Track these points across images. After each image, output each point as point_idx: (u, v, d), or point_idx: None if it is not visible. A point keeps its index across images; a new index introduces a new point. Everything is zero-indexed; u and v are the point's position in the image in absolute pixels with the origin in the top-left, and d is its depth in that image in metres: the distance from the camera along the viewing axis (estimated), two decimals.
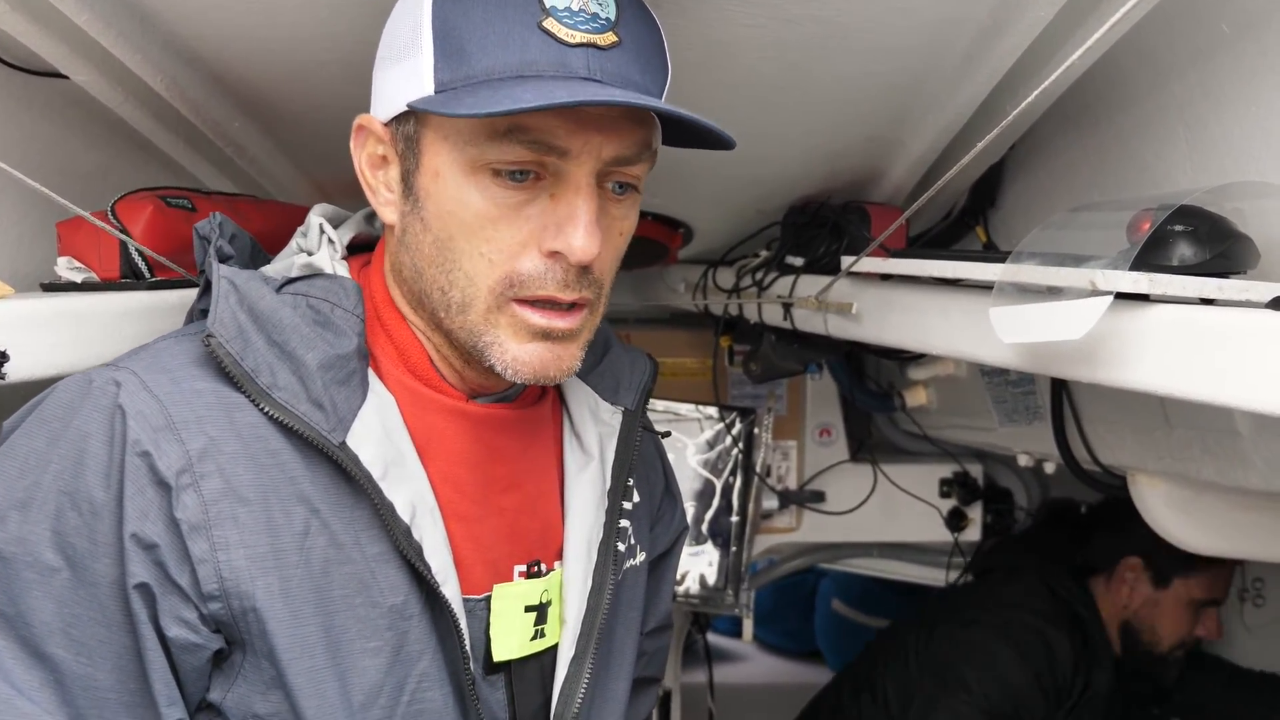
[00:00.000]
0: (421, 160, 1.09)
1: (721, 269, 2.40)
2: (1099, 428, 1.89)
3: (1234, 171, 1.27)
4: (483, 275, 1.08)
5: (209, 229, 1.19)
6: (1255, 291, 0.99)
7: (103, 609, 1.00)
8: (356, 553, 1.09)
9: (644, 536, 1.41)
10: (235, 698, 1.07)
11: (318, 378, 1.07)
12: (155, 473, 1.00)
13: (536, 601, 1.24)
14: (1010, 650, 2.50)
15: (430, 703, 1.14)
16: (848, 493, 3.03)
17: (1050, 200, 1.76)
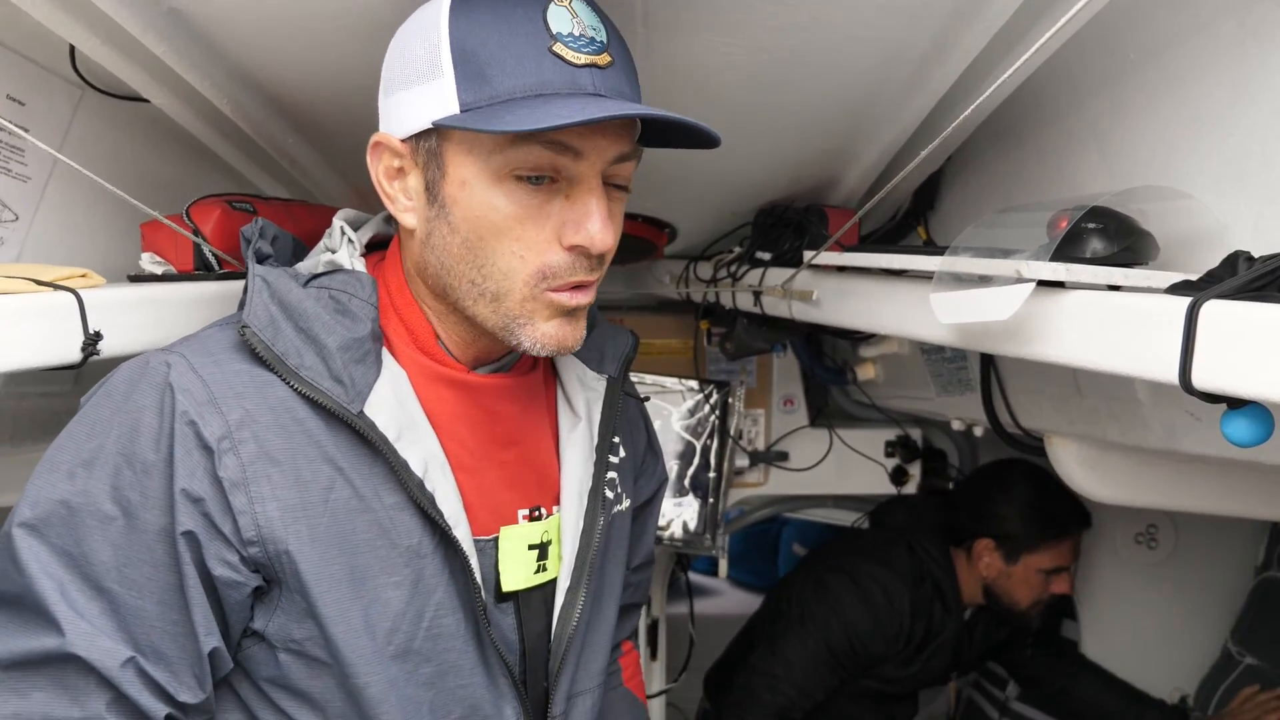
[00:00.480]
0: (447, 171, 1.08)
1: (701, 263, 2.40)
2: (1021, 397, 1.90)
3: (1139, 178, 1.28)
4: (517, 270, 1.09)
5: (251, 232, 1.20)
6: (1155, 279, 0.99)
7: (150, 552, 1.02)
8: (376, 503, 1.11)
9: (629, 487, 1.43)
10: (275, 626, 1.09)
11: (337, 358, 1.09)
12: (200, 439, 1.02)
13: (538, 541, 1.26)
14: (855, 596, 2.56)
15: (446, 627, 1.16)
16: (808, 453, 3.04)
17: (981, 204, 1.76)
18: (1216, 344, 0.80)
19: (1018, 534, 2.59)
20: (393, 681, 1.12)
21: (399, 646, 1.13)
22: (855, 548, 2.72)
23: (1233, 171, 1.09)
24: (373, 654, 1.11)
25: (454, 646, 1.17)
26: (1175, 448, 1.44)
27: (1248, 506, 1.78)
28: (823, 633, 2.53)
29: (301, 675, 1.11)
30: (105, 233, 1.50)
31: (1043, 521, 2.59)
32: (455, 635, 1.17)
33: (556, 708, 1.28)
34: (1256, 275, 0.84)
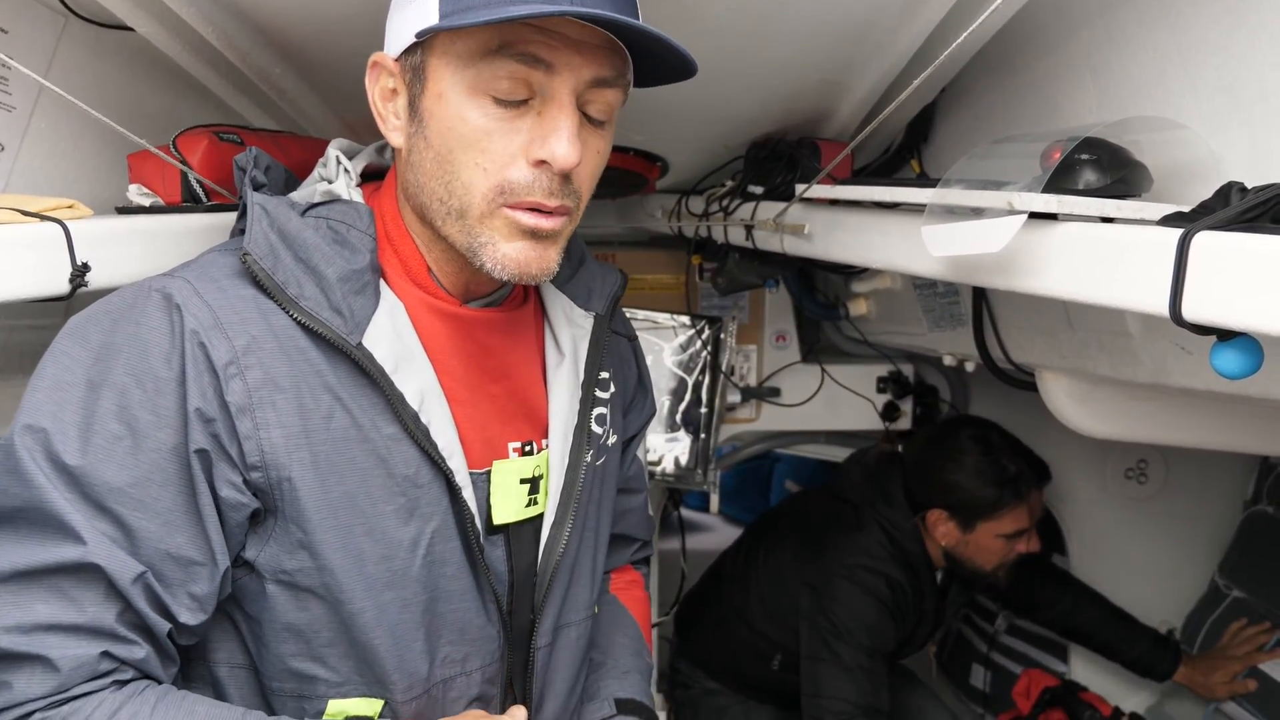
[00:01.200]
0: (427, 85, 1.09)
1: (693, 197, 2.38)
2: (1012, 331, 1.90)
3: (1133, 109, 1.27)
4: (478, 183, 1.09)
5: (246, 160, 1.20)
6: (1148, 211, 0.99)
7: (160, 470, 1.02)
8: (374, 433, 1.12)
9: (618, 422, 1.44)
10: (267, 556, 1.10)
11: (337, 289, 1.10)
12: (210, 361, 1.03)
13: (530, 475, 1.28)
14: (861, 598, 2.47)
15: (443, 554, 1.18)
16: (800, 389, 3.05)
17: (975, 136, 1.74)
18: (1207, 275, 0.80)
19: (969, 503, 2.49)
20: (384, 608, 1.14)
21: (394, 573, 1.14)
22: (833, 542, 2.59)
23: (1228, 102, 1.09)
24: (366, 581, 1.12)
25: (448, 573, 1.19)
26: (1165, 381, 1.45)
27: (1237, 440, 1.79)
28: (854, 648, 2.44)
29: (288, 607, 1.12)
30: (92, 163, 1.49)
31: (994, 488, 2.46)
32: (450, 562, 1.19)
33: (541, 639, 1.30)
34: (1249, 206, 0.84)
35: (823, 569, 2.54)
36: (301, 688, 1.15)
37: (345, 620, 1.13)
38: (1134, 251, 0.89)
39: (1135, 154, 1.10)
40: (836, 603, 2.48)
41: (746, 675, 2.87)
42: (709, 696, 2.94)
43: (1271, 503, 2.84)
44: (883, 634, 2.49)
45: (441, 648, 1.21)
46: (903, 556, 2.54)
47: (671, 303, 2.98)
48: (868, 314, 2.74)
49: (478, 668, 1.25)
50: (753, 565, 2.83)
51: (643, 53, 1.08)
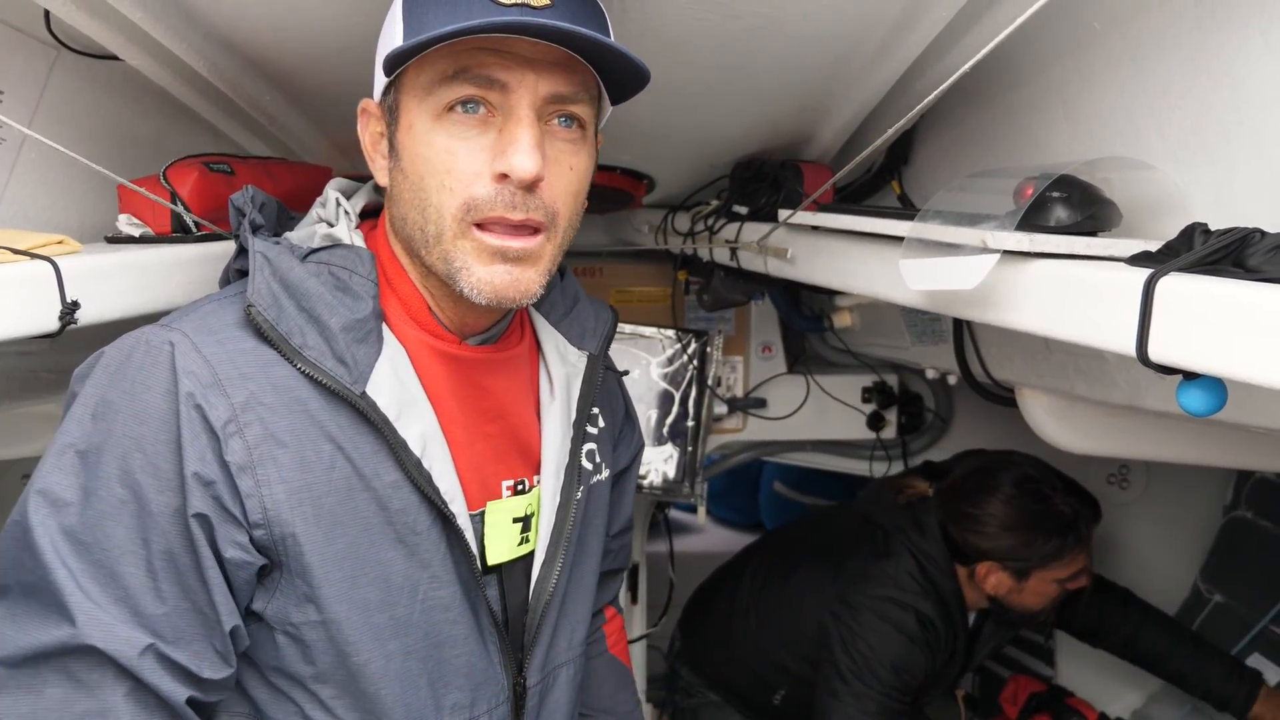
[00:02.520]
0: (399, 119, 1.12)
1: (679, 214, 2.40)
2: (992, 349, 1.92)
3: (1104, 143, 1.29)
4: (447, 205, 1.09)
5: (243, 201, 1.18)
6: (1117, 248, 1.01)
7: (165, 534, 1.02)
8: (376, 480, 1.11)
9: (608, 455, 1.44)
10: (274, 608, 1.10)
11: (340, 338, 1.09)
12: (207, 422, 1.02)
13: (522, 514, 1.28)
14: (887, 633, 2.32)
15: (440, 599, 1.18)
16: (786, 399, 3.07)
17: (952, 160, 1.77)
18: (1172, 318, 0.82)
19: (1027, 556, 2.31)
20: (391, 657, 1.14)
21: (397, 621, 1.14)
22: (859, 570, 2.45)
23: (1194, 142, 1.11)
24: (373, 631, 1.13)
25: (449, 618, 1.19)
26: (1139, 404, 1.47)
27: (1212, 456, 1.81)
28: (875, 687, 2.29)
29: (296, 658, 1.12)
30: (83, 191, 1.49)
31: (1054, 538, 2.29)
32: (450, 607, 1.19)
33: (533, 677, 1.30)
34: (1211, 250, 0.86)
35: (847, 599, 2.40)
36: None
37: (353, 671, 1.12)
38: (1102, 292, 0.91)
39: (1105, 191, 1.11)
40: (860, 638, 2.33)
41: (748, 699, 2.78)
42: (710, 709, 2.86)
43: (1250, 508, 2.86)
44: (910, 671, 2.33)
45: (450, 694, 1.21)
46: (934, 591, 2.38)
47: (658, 315, 2.99)
48: (852, 326, 2.76)
49: (485, 711, 1.25)
50: (769, 591, 2.69)
51: (609, 67, 1.09)
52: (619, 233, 2.88)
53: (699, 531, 5.23)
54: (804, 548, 2.72)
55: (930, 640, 2.35)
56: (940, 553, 2.40)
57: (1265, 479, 2.81)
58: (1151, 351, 0.83)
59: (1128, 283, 0.86)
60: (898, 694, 2.31)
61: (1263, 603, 2.66)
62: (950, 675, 2.54)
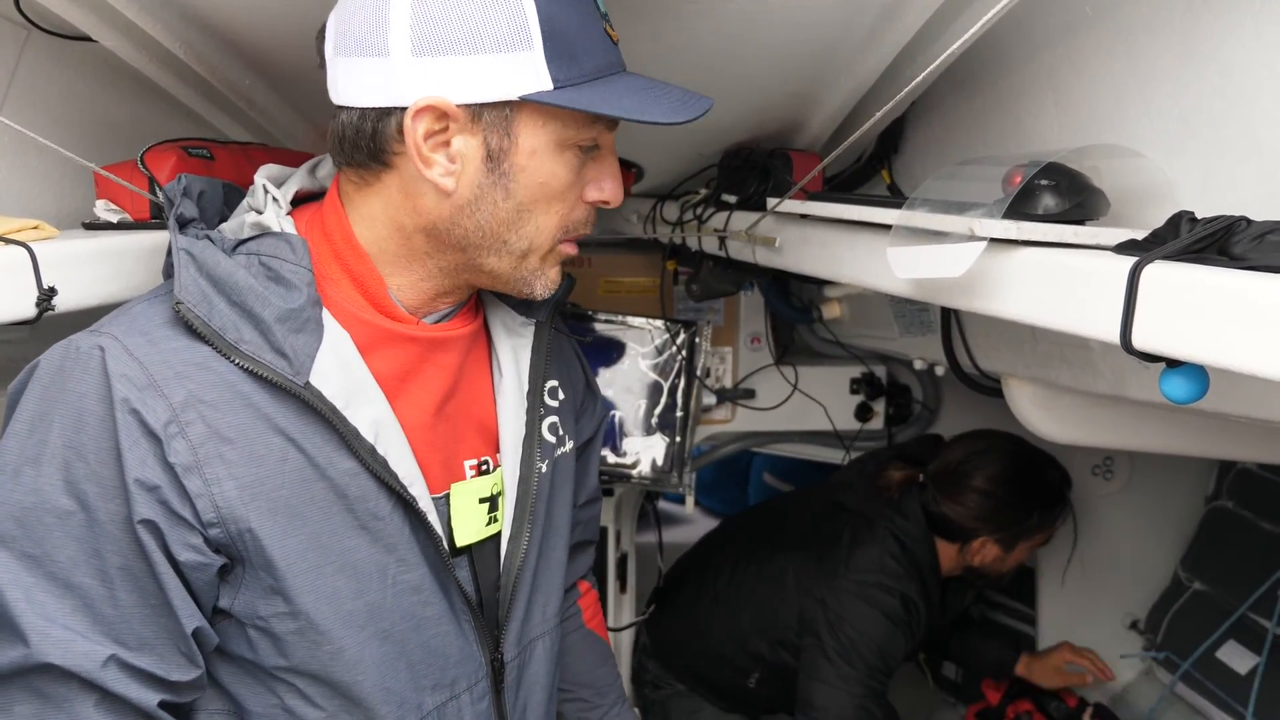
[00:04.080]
0: (518, 141, 1.09)
1: (668, 203, 2.38)
2: (979, 339, 1.91)
3: (1093, 130, 1.28)
4: (550, 226, 1.15)
5: (173, 191, 1.15)
6: (1104, 237, 1.01)
7: (116, 542, 1.00)
8: (331, 470, 1.10)
9: (570, 428, 1.44)
10: (241, 604, 1.09)
11: (276, 330, 1.06)
12: (145, 426, 1.00)
13: (488, 494, 1.27)
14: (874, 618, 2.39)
15: (410, 581, 1.17)
16: (774, 390, 3.05)
17: (942, 148, 1.75)
18: (1156, 306, 0.81)
19: (1016, 528, 2.50)
20: (365, 642, 1.13)
21: (370, 606, 1.13)
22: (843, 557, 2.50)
23: (1182, 129, 1.10)
24: (345, 618, 1.11)
25: (420, 600, 1.18)
26: (1123, 394, 1.46)
27: (1195, 446, 1.81)
28: (860, 670, 2.37)
29: (270, 652, 1.10)
30: (59, 177, 1.47)
31: (1040, 509, 2.51)
32: (420, 589, 1.18)
33: (509, 653, 1.30)
34: (1197, 238, 0.85)
35: (833, 585, 2.46)
36: None
37: (327, 660, 1.11)
38: (1088, 280, 0.90)
39: (1094, 179, 1.10)
40: (847, 623, 2.39)
41: (720, 686, 2.81)
42: (679, 699, 2.90)
43: (1232, 498, 2.87)
44: (893, 654, 2.42)
45: (429, 674, 1.20)
46: (916, 569, 2.48)
47: (647, 305, 2.97)
48: (840, 317, 2.75)
49: (465, 689, 1.25)
50: (742, 581, 2.73)
51: None
52: (608, 222, 2.87)
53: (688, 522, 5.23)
54: (778, 536, 2.75)
55: (912, 623, 2.44)
56: (920, 529, 2.51)
57: (1247, 470, 2.82)
58: (1135, 339, 0.83)
59: (1113, 270, 0.85)
60: (881, 676, 2.39)
61: (1241, 591, 2.68)
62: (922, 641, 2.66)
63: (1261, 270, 0.76)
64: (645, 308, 2.93)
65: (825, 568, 2.50)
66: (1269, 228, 0.80)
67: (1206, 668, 2.69)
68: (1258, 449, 1.80)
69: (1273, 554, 2.62)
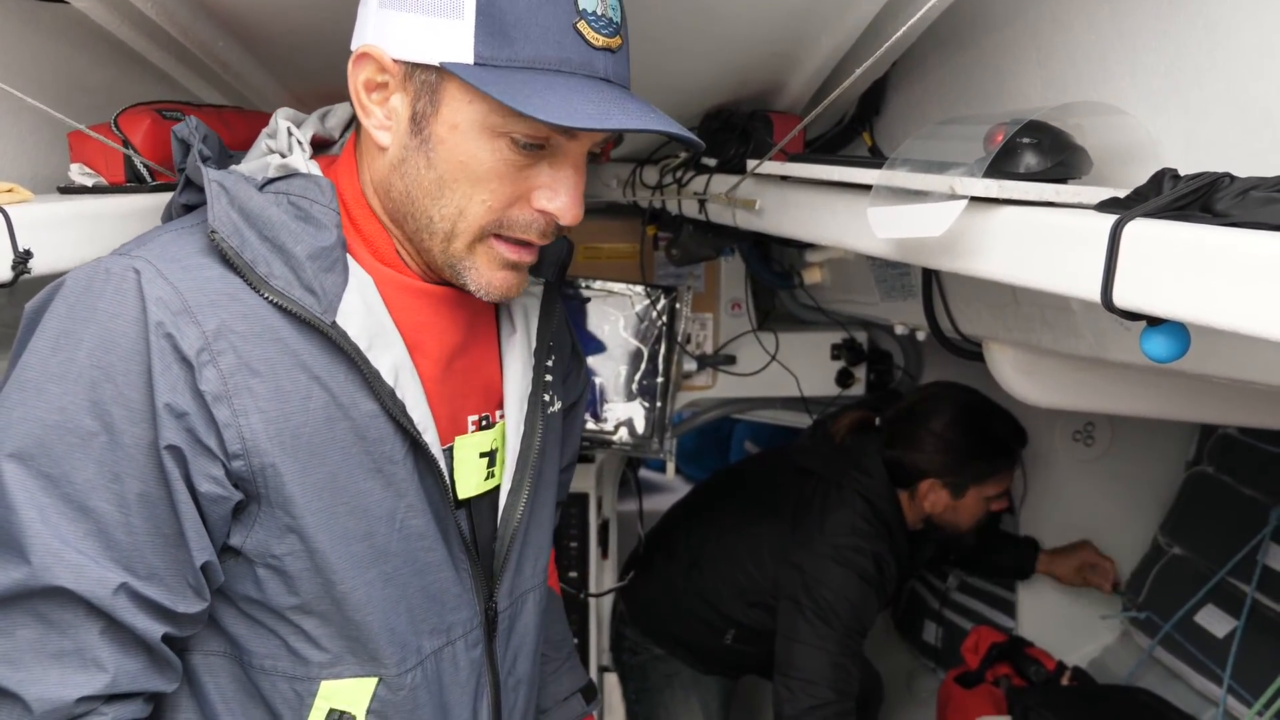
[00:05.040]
0: (440, 110, 1.08)
1: (648, 167, 2.37)
2: (960, 304, 1.92)
3: (1076, 88, 1.28)
4: (475, 215, 1.11)
5: (187, 133, 1.17)
6: (1086, 195, 1.00)
7: (138, 467, 1.00)
8: (353, 410, 1.11)
9: (559, 389, 1.46)
10: (254, 542, 1.09)
11: (307, 267, 1.07)
12: (179, 351, 1.00)
13: (488, 449, 1.29)
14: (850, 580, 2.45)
15: (416, 527, 1.18)
16: (755, 356, 3.06)
17: (925, 110, 1.75)
18: (1137, 263, 0.81)
19: (966, 471, 2.54)
20: (371, 584, 1.15)
21: (376, 549, 1.15)
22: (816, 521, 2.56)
23: (1166, 86, 1.10)
24: (353, 559, 1.13)
25: (424, 545, 1.19)
26: (1105, 356, 1.47)
27: (1176, 409, 1.83)
28: (837, 630, 2.43)
29: (279, 591, 1.11)
30: (33, 142, 1.45)
31: (988, 455, 2.55)
32: (425, 535, 1.19)
33: (502, 603, 1.32)
34: (1179, 195, 0.85)
35: (809, 549, 2.52)
36: (295, 668, 1.15)
37: (337, 600, 1.13)
38: (1069, 237, 0.90)
39: (1076, 137, 1.11)
40: (821, 584, 2.45)
41: (697, 646, 2.87)
42: (656, 662, 2.95)
43: (1212, 463, 2.90)
44: (868, 613, 2.49)
45: (428, 619, 1.22)
46: (884, 527, 2.54)
47: (627, 271, 2.97)
48: (821, 282, 2.75)
49: (460, 635, 1.27)
50: (713, 543, 2.79)
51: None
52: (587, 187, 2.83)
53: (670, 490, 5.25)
54: (749, 502, 2.80)
55: (885, 581, 2.52)
56: (883, 484, 2.57)
57: (1228, 435, 2.85)
58: (1116, 297, 0.83)
59: (1094, 228, 0.85)
60: (857, 636, 2.46)
61: (1220, 556, 2.71)
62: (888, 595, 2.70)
63: (1245, 227, 0.76)
64: (625, 273, 2.93)
65: (800, 534, 2.57)
66: (1253, 184, 0.80)
67: (1185, 631, 2.72)
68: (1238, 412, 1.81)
69: (1252, 518, 2.65)
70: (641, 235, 2.94)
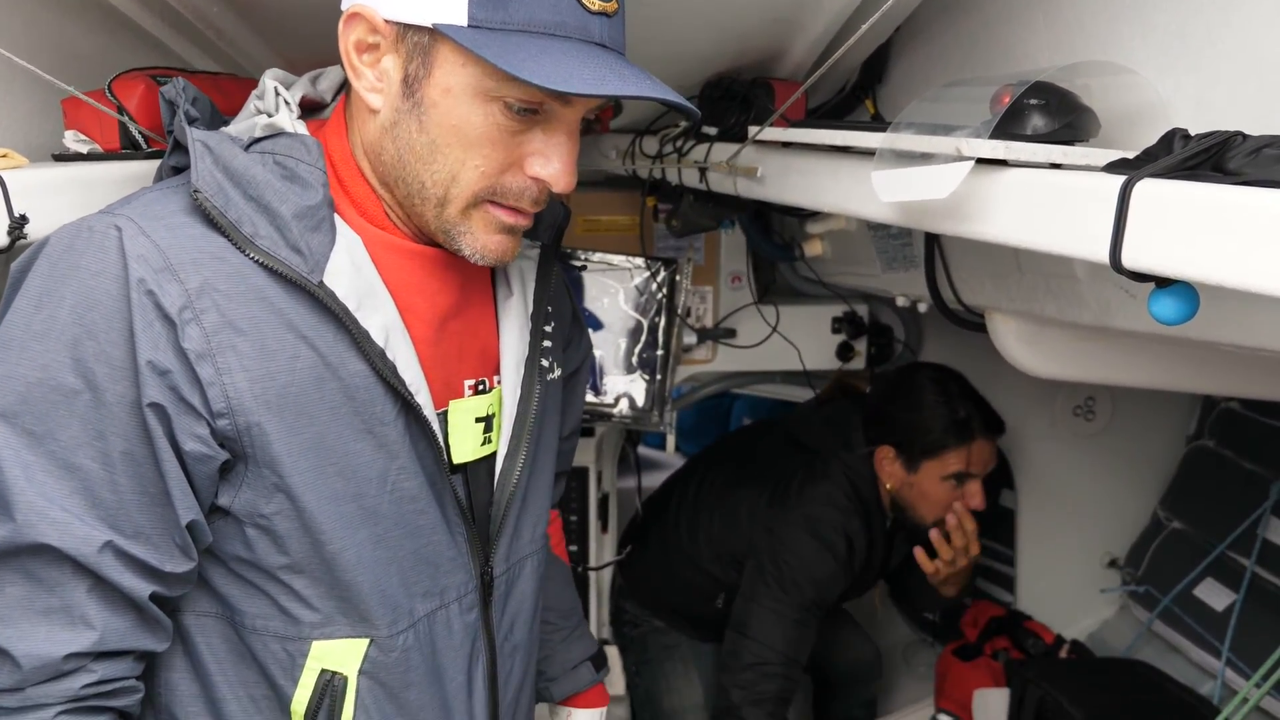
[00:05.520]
0: (433, 73, 1.06)
1: (647, 137, 2.36)
2: (963, 274, 1.91)
3: (1083, 51, 1.26)
4: (470, 182, 1.10)
5: (174, 94, 1.16)
6: (1094, 157, 0.99)
7: (122, 425, 1.00)
8: (342, 370, 1.10)
9: (559, 356, 1.45)
10: (242, 502, 1.08)
11: (293, 226, 1.07)
12: (161, 309, 0.99)
13: (484, 414, 1.28)
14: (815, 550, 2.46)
15: (409, 490, 1.18)
16: (755, 329, 3.05)
17: (929, 77, 1.74)
18: (1147, 223, 0.80)
19: (914, 439, 2.50)
20: (361, 545, 1.15)
21: (366, 510, 1.14)
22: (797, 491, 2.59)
23: (1177, 46, 1.09)
24: (342, 519, 1.12)
25: (417, 509, 1.19)
26: (1109, 324, 1.47)
27: (1179, 380, 1.83)
28: (794, 600, 2.46)
29: (269, 550, 1.11)
30: (26, 110, 1.44)
31: (940, 427, 2.47)
32: (418, 498, 1.19)
33: (498, 568, 1.32)
34: (1190, 154, 0.84)
35: (784, 516, 2.55)
36: (286, 629, 1.15)
37: (327, 560, 1.13)
38: (1077, 198, 0.89)
39: (1084, 98, 1.09)
40: (790, 552, 2.49)
41: (691, 614, 2.90)
42: (656, 634, 2.98)
43: (1213, 437, 2.90)
44: (829, 589, 2.51)
45: (420, 581, 1.22)
46: (861, 506, 2.55)
47: (627, 244, 2.96)
48: (822, 255, 2.74)
49: (455, 599, 1.26)
50: (701, 508, 2.83)
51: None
52: (586, 159, 2.84)
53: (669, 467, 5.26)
54: (735, 470, 2.83)
55: (852, 560, 2.53)
56: (866, 464, 2.58)
57: (1230, 409, 2.85)
58: (1125, 258, 0.82)
59: (1102, 189, 0.84)
60: (814, 607, 2.49)
61: (1220, 529, 2.72)
62: (868, 581, 2.76)
63: (1257, 185, 0.74)
64: (625, 246, 2.92)
65: (776, 500, 2.61)
66: (1266, 141, 0.79)
67: (1184, 605, 2.74)
68: (1242, 383, 1.81)
69: (1253, 492, 2.66)
70: (641, 207, 2.93)
